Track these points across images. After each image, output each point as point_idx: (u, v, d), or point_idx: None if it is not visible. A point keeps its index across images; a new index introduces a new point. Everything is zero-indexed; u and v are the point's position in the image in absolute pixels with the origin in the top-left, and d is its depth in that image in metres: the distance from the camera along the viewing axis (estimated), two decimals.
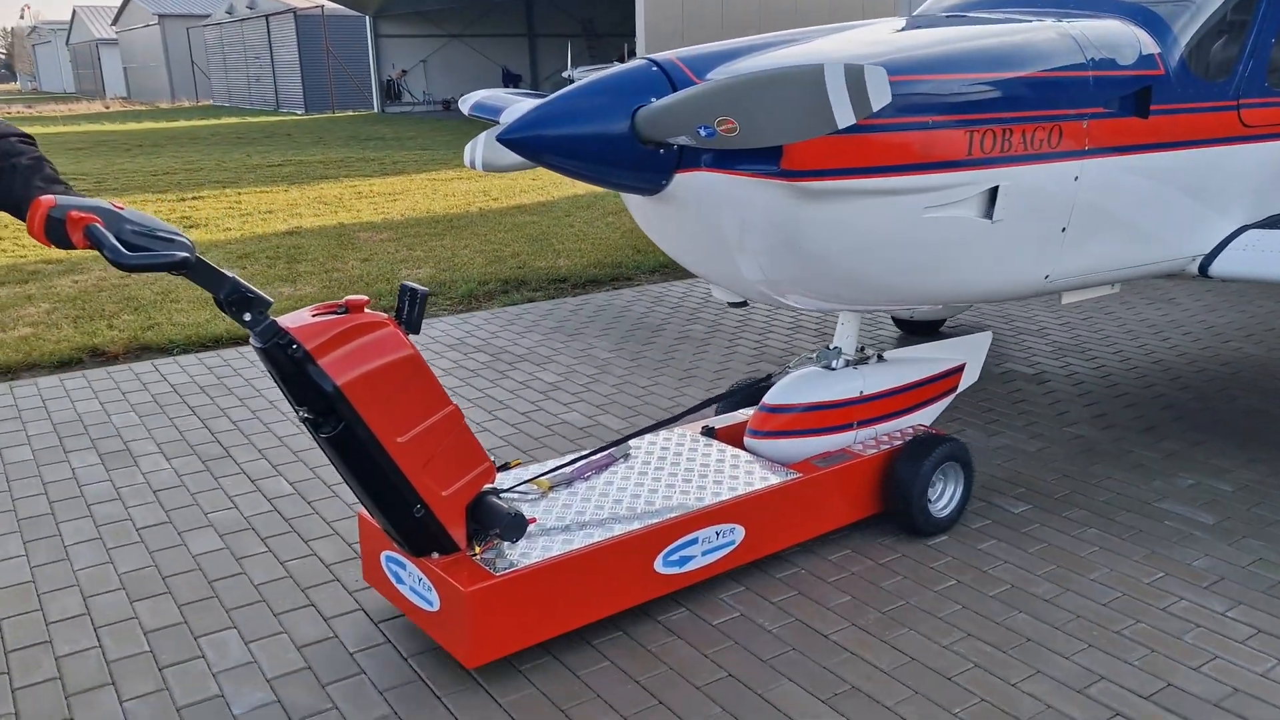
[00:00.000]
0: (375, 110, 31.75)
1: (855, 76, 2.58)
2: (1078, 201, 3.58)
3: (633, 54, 26.35)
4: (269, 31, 36.27)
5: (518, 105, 6.45)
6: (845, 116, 2.60)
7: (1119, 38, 3.69)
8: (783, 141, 2.86)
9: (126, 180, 15.04)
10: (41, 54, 73.70)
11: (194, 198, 12.99)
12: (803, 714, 2.73)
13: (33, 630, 3.19)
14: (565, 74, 28.11)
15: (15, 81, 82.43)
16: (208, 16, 43.95)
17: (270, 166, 16.62)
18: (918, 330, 6.32)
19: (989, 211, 3.37)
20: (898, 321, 6.41)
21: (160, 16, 46.36)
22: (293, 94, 35.40)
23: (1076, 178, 3.54)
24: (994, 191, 3.34)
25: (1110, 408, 4.98)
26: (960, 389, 4.07)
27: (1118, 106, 3.63)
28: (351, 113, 32.04)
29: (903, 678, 2.88)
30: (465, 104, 7.08)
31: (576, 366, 5.77)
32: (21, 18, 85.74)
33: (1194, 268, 4.14)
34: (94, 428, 4.91)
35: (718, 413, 4.16)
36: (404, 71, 32.08)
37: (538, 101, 3.12)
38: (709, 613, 3.23)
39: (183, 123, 28.98)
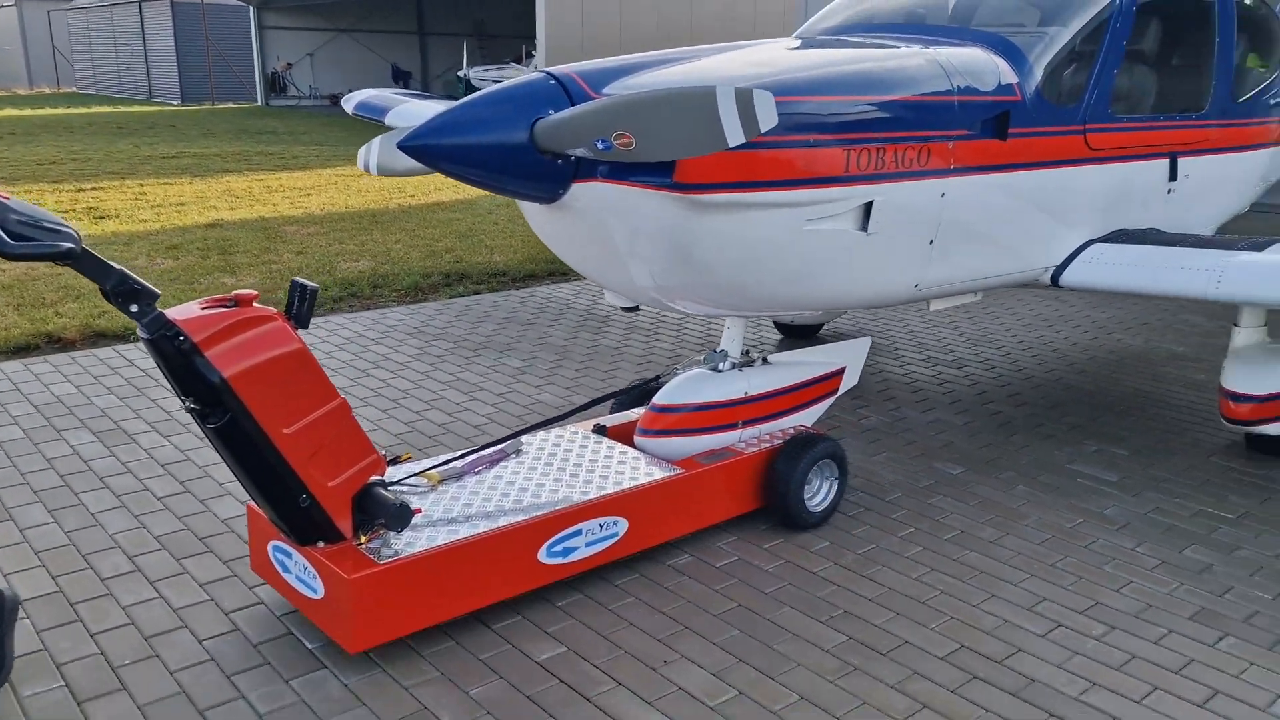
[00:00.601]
0: (259, 103, 31.10)
1: (745, 99, 2.78)
2: (944, 216, 3.92)
3: (530, 55, 26.65)
4: (142, 18, 35.02)
5: (403, 106, 6.60)
6: (735, 135, 2.81)
7: (981, 65, 4.04)
8: (677, 157, 3.06)
9: (11, 170, 14.56)
10: None
11: (94, 189, 12.74)
12: (806, 632, 3.25)
13: (90, 586, 3.45)
14: (461, 73, 28.35)
15: None
16: (72, 0, 42.09)
17: (165, 158, 16.31)
18: (797, 334, 6.63)
19: (864, 224, 3.67)
20: (778, 325, 6.69)
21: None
22: (167, 83, 34.24)
23: (943, 194, 3.87)
24: (869, 206, 3.65)
25: (1021, 388, 5.70)
26: (841, 391, 4.34)
27: (980, 129, 3.95)
28: (232, 105, 31.30)
29: (884, 602, 3.43)
30: (349, 103, 6.99)
31: (538, 353, 6.17)
32: None
33: (1047, 278, 4.57)
34: (78, 409, 5.07)
35: (611, 412, 4.39)
36: (289, 64, 31.54)
37: (438, 108, 3.27)
38: (711, 557, 3.72)
39: (49, 110, 27.75)
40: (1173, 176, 4.89)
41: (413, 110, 6.70)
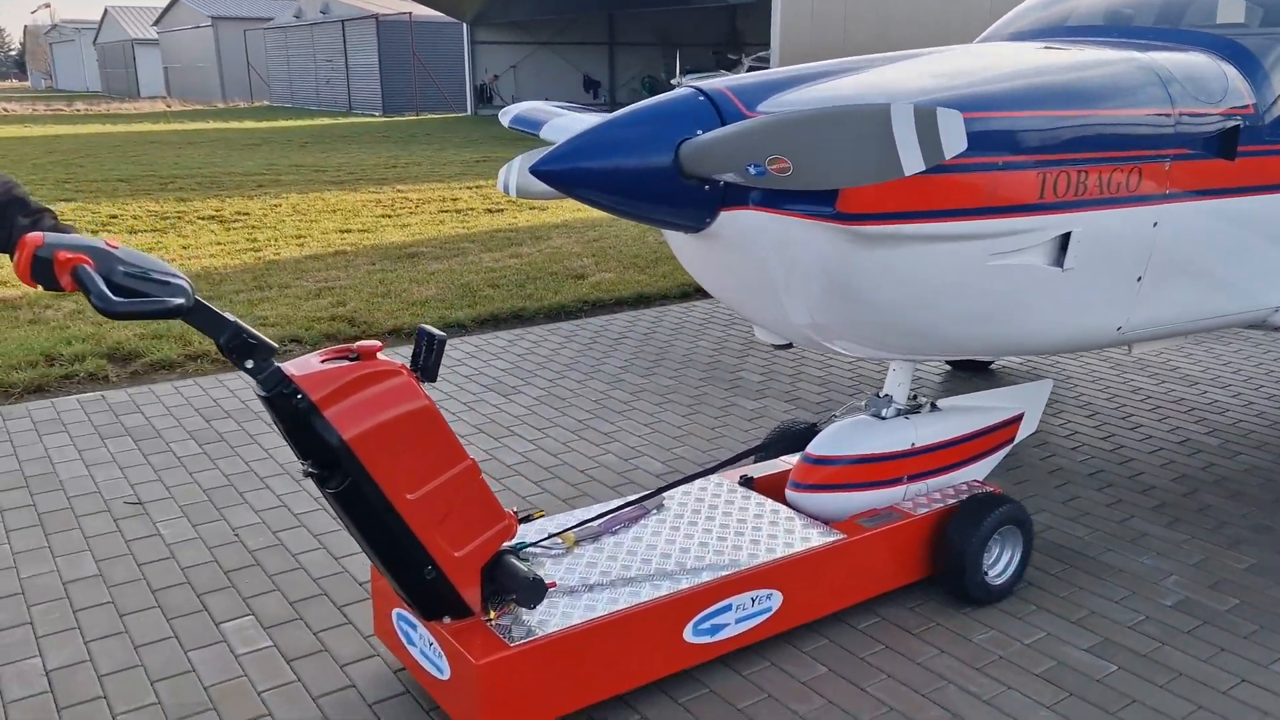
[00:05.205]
0: (469, 113, 35.49)
1: (927, 120, 2.50)
2: (1156, 249, 3.53)
3: (748, 61, 29.05)
4: (344, 36, 39.69)
5: (558, 120, 5.85)
6: (914, 163, 2.52)
7: (1205, 73, 3.66)
8: (842, 185, 2.80)
9: (382, 174, 17.16)
10: (60, 52, 77.25)
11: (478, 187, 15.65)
12: None
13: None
14: (675, 80, 32.09)
15: (27, 79, 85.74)
16: (268, 20, 47.45)
17: (474, 161, 19.19)
18: (966, 367, 6.22)
19: (1059, 259, 3.31)
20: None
21: (214, 19, 49.81)
22: (369, 97, 38.75)
23: (1155, 224, 3.48)
24: (1066, 238, 3.29)
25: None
26: (1017, 440, 4.01)
27: (1202, 147, 3.57)
28: (432, 115, 35.36)
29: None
30: (506, 116, 6.28)
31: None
32: (45, 7, 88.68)
33: (1277, 319, 4.14)
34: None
35: (756, 462, 4.12)
36: (496, 76, 36.01)
37: (577, 128, 3.09)
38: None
39: (284, 123, 31.57)
40: None
41: (568, 125, 5.82)
